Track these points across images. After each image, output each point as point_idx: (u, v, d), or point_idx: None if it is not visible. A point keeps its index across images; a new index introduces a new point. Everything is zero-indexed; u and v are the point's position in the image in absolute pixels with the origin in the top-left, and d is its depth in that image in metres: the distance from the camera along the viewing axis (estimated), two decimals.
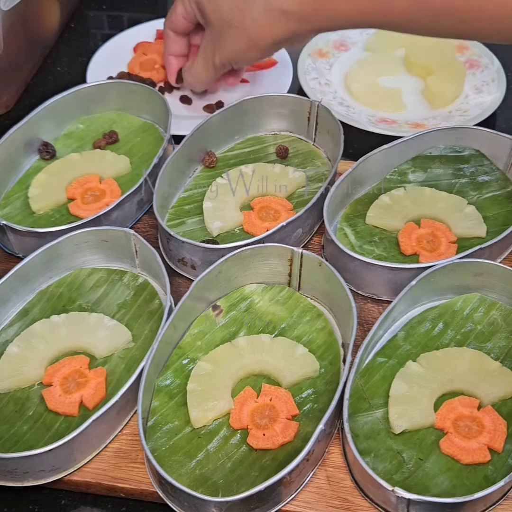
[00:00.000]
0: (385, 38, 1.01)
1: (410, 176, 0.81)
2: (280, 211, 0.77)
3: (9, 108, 0.95)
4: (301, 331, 0.68)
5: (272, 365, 0.65)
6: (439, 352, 0.65)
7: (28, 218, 0.78)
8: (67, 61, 1.03)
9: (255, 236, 0.73)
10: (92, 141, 0.86)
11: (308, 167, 0.83)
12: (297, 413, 0.62)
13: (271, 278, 0.71)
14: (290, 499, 0.58)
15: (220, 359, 0.65)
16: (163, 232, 0.73)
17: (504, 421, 0.61)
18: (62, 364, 0.65)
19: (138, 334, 0.68)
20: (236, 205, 0.78)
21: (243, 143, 0.86)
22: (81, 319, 0.69)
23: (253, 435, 0.61)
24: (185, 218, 0.78)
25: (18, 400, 0.64)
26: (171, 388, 0.64)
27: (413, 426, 0.61)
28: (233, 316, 0.69)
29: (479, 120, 0.88)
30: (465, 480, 0.59)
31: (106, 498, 0.61)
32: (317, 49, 0.99)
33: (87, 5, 1.12)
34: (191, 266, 0.73)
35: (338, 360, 0.66)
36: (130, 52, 0.99)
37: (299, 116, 0.84)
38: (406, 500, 0.55)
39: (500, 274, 0.68)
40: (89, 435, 0.59)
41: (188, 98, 0.92)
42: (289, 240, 0.74)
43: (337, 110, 0.89)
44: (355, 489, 0.59)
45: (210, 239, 0.75)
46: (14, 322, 0.70)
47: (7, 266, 0.74)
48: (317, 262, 0.68)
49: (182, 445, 0.61)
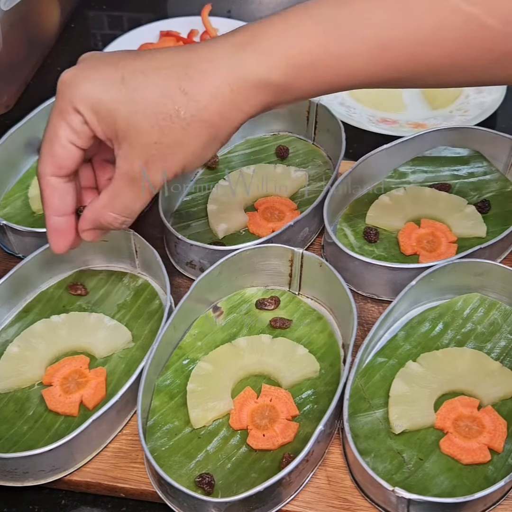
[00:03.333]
0: None
1: (410, 176, 0.81)
2: (285, 211, 0.77)
3: (9, 108, 0.95)
4: (301, 332, 0.68)
5: (272, 366, 0.65)
6: (439, 352, 0.65)
7: (28, 218, 0.78)
8: (67, 61, 1.02)
9: (261, 237, 0.73)
10: None
11: (309, 166, 0.83)
12: (297, 414, 0.62)
13: (272, 279, 0.71)
14: (290, 500, 0.58)
15: (220, 359, 0.65)
16: (171, 236, 0.73)
17: (504, 421, 0.61)
18: (62, 364, 0.65)
19: (138, 334, 0.68)
20: (240, 207, 0.78)
21: (243, 144, 0.86)
22: (81, 319, 0.69)
23: (253, 436, 0.61)
24: (190, 221, 0.78)
25: (18, 400, 0.64)
26: (171, 388, 0.64)
27: (413, 426, 0.61)
28: (233, 318, 0.69)
29: (480, 120, 0.88)
30: (465, 480, 0.58)
31: (106, 498, 0.61)
32: None
33: (87, 5, 1.12)
34: (199, 269, 0.73)
35: (338, 361, 0.66)
36: None
37: (298, 116, 0.84)
38: (406, 500, 0.55)
39: (500, 274, 0.68)
40: (89, 435, 0.59)
41: None
42: (296, 239, 0.74)
43: (337, 110, 0.89)
44: (355, 489, 0.59)
45: (216, 241, 0.75)
46: (14, 322, 0.70)
47: (7, 266, 0.74)
48: (317, 263, 0.68)
49: (181, 445, 0.61)
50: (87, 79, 0.52)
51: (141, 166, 0.53)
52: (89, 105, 0.52)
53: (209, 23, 1.02)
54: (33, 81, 0.99)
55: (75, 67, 0.54)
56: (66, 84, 0.53)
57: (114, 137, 0.53)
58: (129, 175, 0.54)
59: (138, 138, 0.52)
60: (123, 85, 0.51)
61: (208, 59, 0.51)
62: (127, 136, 0.52)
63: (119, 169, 0.54)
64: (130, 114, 0.51)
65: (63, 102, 0.53)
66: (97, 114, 0.52)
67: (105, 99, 0.51)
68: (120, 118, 0.51)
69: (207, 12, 1.03)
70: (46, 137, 0.54)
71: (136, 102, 0.51)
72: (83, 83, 0.52)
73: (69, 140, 0.53)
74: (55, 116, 0.53)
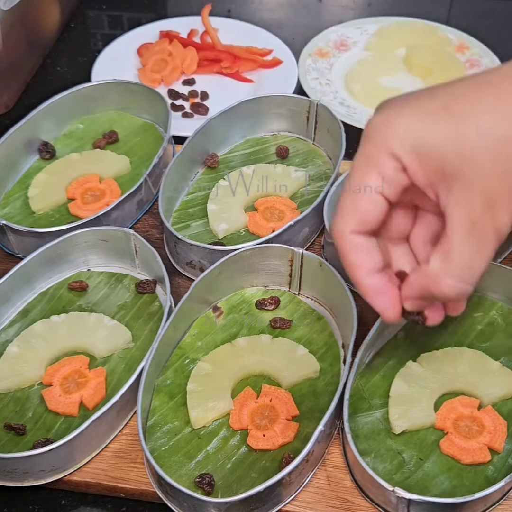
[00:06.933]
0: (386, 38, 1.01)
1: None
2: (285, 211, 0.77)
3: (9, 108, 0.95)
4: (301, 333, 0.68)
5: (272, 366, 0.65)
6: (439, 352, 0.65)
7: (28, 218, 0.78)
8: (67, 61, 1.03)
9: (261, 237, 0.73)
10: (92, 141, 0.86)
11: (309, 166, 0.83)
12: (297, 414, 0.62)
13: (272, 279, 0.71)
14: (289, 500, 0.58)
15: (220, 359, 0.65)
16: (170, 236, 0.73)
17: (504, 421, 0.61)
18: (62, 364, 0.65)
19: (138, 335, 0.68)
20: (240, 207, 0.78)
21: (243, 144, 0.86)
22: (81, 319, 0.69)
23: (253, 436, 0.61)
24: (190, 221, 0.78)
25: (18, 400, 0.64)
26: (171, 388, 0.64)
27: (413, 426, 0.61)
28: (233, 318, 0.69)
29: None
30: (465, 480, 0.58)
31: (106, 498, 0.61)
32: (317, 49, 0.99)
33: (87, 5, 1.12)
34: (199, 269, 0.73)
35: (338, 361, 0.66)
36: (134, 54, 1.00)
37: (298, 116, 0.84)
38: (406, 500, 0.54)
39: (500, 274, 0.68)
40: (89, 435, 0.59)
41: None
42: (296, 239, 0.74)
43: (337, 110, 0.89)
44: (355, 489, 0.59)
45: (216, 241, 0.75)
46: (14, 322, 0.70)
47: (7, 266, 0.74)
48: (317, 263, 0.68)
49: (181, 445, 0.61)
50: (403, 116, 0.44)
51: (483, 208, 0.43)
52: (409, 146, 0.44)
53: (209, 23, 1.02)
54: (33, 81, 0.99)
55: (381, 111, 0.46)
56: (376, 127, 0.45)
57: (440, 179, 0.44)
58: (468, 222, 0.44)
59: (477, 173, 0.43)
60: (447, 115, 0.43)
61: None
62: (460, 174, 0.43)
63: (453, 217, 0.44)
64: (463, 146, 0.43)
65: (374, 147, 0.45)
66: (419, 155, 0.44)
67: (428, 135, 0.43)
68: (449, 154, 0.43)
69: (207, 12, 1.03)
70: (348, 188, 0.47)
71: (467, 132, 0.43)
72: (398, 121, 0.44)
73: (379, 191, 0.46)
74: (363, 163, 0.46)
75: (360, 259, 0.48)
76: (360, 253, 0.48)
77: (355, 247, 0.48)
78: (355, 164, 0.46)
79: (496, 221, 0.44)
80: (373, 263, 0.49)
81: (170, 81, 0.96)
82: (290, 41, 1.02)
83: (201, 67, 0.99)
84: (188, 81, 0.97)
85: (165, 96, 0.92)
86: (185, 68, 0.98)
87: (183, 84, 0.97)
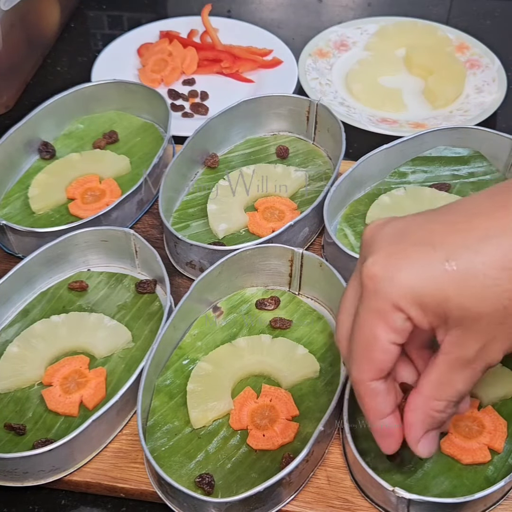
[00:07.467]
0: (386, 38, 1.01)
1: (410, 176, 0.80)
2: (285, 211, 0.77)
3: (9, 108, 0.95)
4: (301, 333, 0.68)
5: (272, 366, 0.65)
6: None
7: (28, 218, 0.78)
8: (67, 61, 1.03)
9: (261, 237, 0.73)
10: (92, 141, 0.86)
11: (309, 166, 0.83)
12: (297, 414, 0.62)
13: (272, 279, 0.71)
14: (290, 500, 0.58)
15: (220, 359, 0.65)
16: (170, 236, 0.73)
17: (504, 421, 0.61)
18: (62, 364, 0.65)
19: (138, 335, 0.68)
20: (240, 207, 0.78)
21: (243, 144, 0.86)
22: (81, 319, 0.69)
23: (253, 436, 0.61)
24: (190, 221, 0.78)
25: (18, 400, 0.64)
26: (171, 388, 0.64)
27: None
28: (233, 318, 0.69)
29: (480, 120, 0.88)
30: (465, 480, 0.58)
31: (106, 498, 0.61)
32: (317, 49, 0.99)
33: (87, 5, 1.12)
34: (199, 269, 0.73)
35: (338, 361, 0.66)
36: (134, 54, 1.00)
37: (298, 116, 0.84)
38: (406, 500, 0.54)
39: None
40: (89, 435, 0.59)
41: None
42: (296, 239, 0.74)
43: (337, 110, 0.89)
44: (355, 489, 0.59)
45: (216, 241, 0.75)
46: (14, 322, 0.70)
47: (7, 266, 0.74)
48: (317, 263, 0.68)
49: (181, 445, 0.61)
50: (402, 269, 0.45)
51: (477, 351, 0.46)
52: (412, 298, 0.45)
53: (209, 23, 1.02)
54: (33, 81, 0.99)
55: (379, 255, 0.47)
56: (377, 279, 0.46)
57: (441, 324, 0.46)
58: (460, 360, 0.46)
59: (476, 323, 0.44)
60: (450, 269, 0.44)
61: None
62: (461, 322, 0.45)
63: (446, 354, 0.47)
64: (464, 298, 0.44)
65: (379, 301, 0.46)
66: (422, 306, 0.45)
67: (429, 288, 0.44)
68: (451, 305, 0.44)
69: (207, 12, 1.03)
70: (360, 340, 0.48)
71: (468, 284, 0.44)
72: (398, 275, 0.45)
73: (390, 342, 0.47)
74: (370, 316, 0.47)
75: (375, 404, 0.50)
76: (376, 398, 0.50)
77: (372, 393, 0.49)
78: (363, 315, 0.47)
79: (489, 359, 0.47)
80: (389, 407, 0.51)
81: (170, 81, 0.96)
82: (290, 41, 1.02)
83: (201, 67, 0.99)
84: (188, 81, 0.97)
85: (165, 96, 0.93)
86: (185, 68, 0.98)
87: (183, 84, 0.97)
